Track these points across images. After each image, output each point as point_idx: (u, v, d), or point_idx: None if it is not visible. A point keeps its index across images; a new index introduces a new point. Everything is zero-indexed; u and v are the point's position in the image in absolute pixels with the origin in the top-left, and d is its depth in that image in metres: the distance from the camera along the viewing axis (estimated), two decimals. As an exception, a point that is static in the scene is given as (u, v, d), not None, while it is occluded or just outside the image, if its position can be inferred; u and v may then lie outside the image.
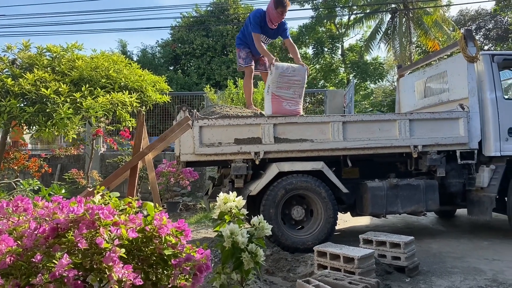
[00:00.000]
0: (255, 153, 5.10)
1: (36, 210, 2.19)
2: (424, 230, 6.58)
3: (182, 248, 2.17)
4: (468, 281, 4.01)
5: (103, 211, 2.05)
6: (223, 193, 2.54)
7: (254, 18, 5.51)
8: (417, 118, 5.57)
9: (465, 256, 4.88)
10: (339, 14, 24.33)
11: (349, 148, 5.32)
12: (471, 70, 5.74)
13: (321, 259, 4.02)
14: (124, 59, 4.22)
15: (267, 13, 5.50)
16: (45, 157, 9.82)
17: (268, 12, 5.49)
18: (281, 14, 5.47)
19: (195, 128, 4.98)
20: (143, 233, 2.13)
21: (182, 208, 9.18)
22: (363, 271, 3.70)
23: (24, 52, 3.93)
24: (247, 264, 2.26)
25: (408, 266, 4.18)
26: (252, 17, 5.56)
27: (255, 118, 5.21)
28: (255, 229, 2.41)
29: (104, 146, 11.26)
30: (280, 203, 5.12)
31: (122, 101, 3.67)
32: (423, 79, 7.11)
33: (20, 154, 7.51)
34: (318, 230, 5.16)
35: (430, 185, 5.55)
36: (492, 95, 5.71)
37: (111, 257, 1.88)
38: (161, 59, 20.27)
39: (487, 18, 24.69)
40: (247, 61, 5.76)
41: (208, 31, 19.65)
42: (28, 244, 1.93)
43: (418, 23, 20.92)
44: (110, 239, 1.95)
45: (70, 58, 3.93)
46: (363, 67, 22.53)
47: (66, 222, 2.02)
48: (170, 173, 8.67)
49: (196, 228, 7.03)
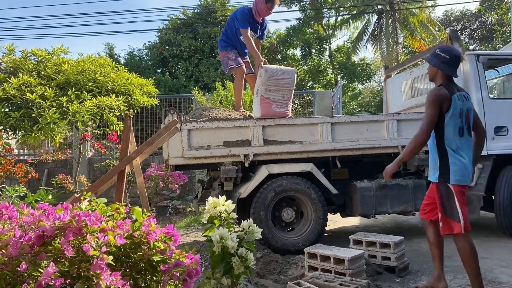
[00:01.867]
0: (245, 155, 5.08)
1: (21, 217, 2.15)
2: (413, 230, 6.62)
3: (171, 254, 2.14)
4: (458, 280, 4.04)
5: (90, 217, 2.01)
6: (212, 197, 2.52)
7: (243, 14, 5.49)
8: (404, 118, 5.61)
9: (454, 255, 4.88)
10: (326, 15, 24.45)
11: (338, 149, 5.33)
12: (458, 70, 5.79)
13: (311, 260, 4.02)
14: (111, 62, 4.19)
15: (255, 6, 5.51)
16: (32, 162, 9.69)
17: (256, 5, 5.50)
18: (269, 9, 5.51)
19: (184, 131, 4.95)
20: (131, 239, 2.09)
21: (172, 211, 9.12)
22: (353, 272, 3.70)
23: (8, 56, 3.88)
24: (237, 268, 2.25)
25: (398, 266, 4.20)
26: (239, 14, 5.53)
27: (244, 121, 5.20)
28: (245, 233, 2.39)
29: (91, 151, 11.15)
30: (270, 205, 5.11)
31: (109, 105, 3.63)
32: (410, 79, 7.16)
33: (6, 160, 7.40)
34: (308, 231, 5.16)
35: (418, 185, 5.59)
36: (478, 95, 5.76)
37: (99, 265, 1.84)
38: (149, 62, 20.17)
39: (471, 18, 25.03)
40: (237, 62, 5.65)
41: (196, 33, 19.60)
42: (13, 253, 1.88)
43: (404, 24, 21.13)
44: (98, 246, 1.92)
45: (56, 62, 3.89)
46: (351, 68, 22.66)
47: (52, 229, 1.98)
48: (159, 177, 8.62)
49: (186, 232, 6.99)
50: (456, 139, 3.27)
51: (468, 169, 3.27)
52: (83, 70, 3.83)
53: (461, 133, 3.28)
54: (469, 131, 3.33)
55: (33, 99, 3.27)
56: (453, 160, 3.27)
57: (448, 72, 3.36)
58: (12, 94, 3.34)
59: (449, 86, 3.33)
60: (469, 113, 3.33)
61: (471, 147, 3.36)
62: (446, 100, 3.25)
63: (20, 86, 3.39)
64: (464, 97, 3.32)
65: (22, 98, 3.35)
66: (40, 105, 3.33)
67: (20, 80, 3.39)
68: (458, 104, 3.25)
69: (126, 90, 4.03)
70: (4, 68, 3.91)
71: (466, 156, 3.27)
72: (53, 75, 3.70)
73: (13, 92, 3.33)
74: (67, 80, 3.70)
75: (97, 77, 3.81)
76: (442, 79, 3.40)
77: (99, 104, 3.54)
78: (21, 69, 3.68)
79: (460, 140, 3.27)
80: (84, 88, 3.70)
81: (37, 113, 3.31)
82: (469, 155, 3.30)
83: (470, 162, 3.29)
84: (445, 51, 3.39)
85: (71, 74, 3.70)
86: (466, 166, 3.25)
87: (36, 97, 3.27)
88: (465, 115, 3.28)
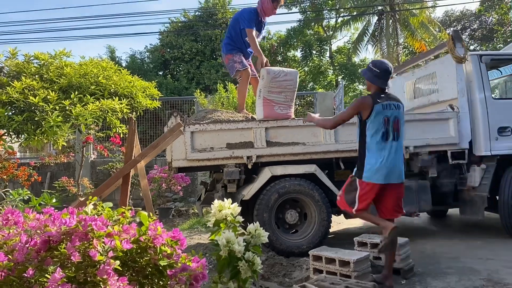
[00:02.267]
0: (248, 157, 5.07)
1: (27, 222, 2.14)
2: (417, 231, 6.60)
3: (178, 258, 2.13)
4: (464, 281, 4.02)
5: (96, 222, 2.00)
6: (217, 200, 2.51)
7: (249, 15, 5.49)
8: (407, 119, 5.56)
9: (459, 256, 4.89)
10: (326, 16, 24.44)
11: (341, 150, 5.31)
12: (460, 70, 5.79)
13: (316, 263, 4.00)
14: (113, 65, 4.17)
15: (261, 6, 5.52)
16: (35, 166, 9.68)
17: (262, 4, 5.51)
18: (275, 8, 5.53)
19: (187, 133, 4.94)
20: (137, 243, 2.08)
21: (175, 214, 9.11)
22: (359, 274, 3.69)
23: (11, 60, 3.87)
24: (244, 273, 2.23)
25: (403, 268, 4.18)
26: (247, 14, 5.52)
27: (246, 122, 5.19)
28: (251, 236, 2.38)
29: (94, 153, 11.15)
30: (274, 207, 5.10)
31: (112, 108, 3.62)
32: (412, 80, 7.16)
33: (9, 163, 7.38)
34: (312, 233, 5.15)
35: (422, 186, 5.57)
36: (481, 95, 5.76)
37: (106, 270, 1.83)
38: (150, 65, 20.18)
39: (472, 18, 25.01)
40: (243, 65, 5.60)
41: (197, 36, 19.60)
42: (20, 258, 1.87)
43: (405, 25, 21.10)
44: (104, 251, 1.91)
45: (58, 65, 3.87)
46: (352, 69, 22.65)
47: (58, 234, 1.97)
48: (161, 179, 8.60)
49: (189, 234, 6.98)
50: (377, 143, 3.69)
51: (380, 170, 3.66)
52: (86, 73, 3.82)
53: (384, 138, 3.68)
54: (394, 136, 3.72)
55: (36, 103, 3.25)
56: (369, 160, 3.73)
57: (379, 84, 3.78)
58: (15, 97, 3.33)
59: (378, 96, 3.73)
60: (398, 121, 3.74)
61: (397, 151, 3.75)
62: (367, 108, 3.69)
63: (23, 90, 3.37)
64: (394, 106, 3.74)
65: (25, 102, 3.34)
66: (43, 109, 3.32)
67: (23, 83, 3.38)
68: (383, 112, 3.66)
69: (129, 93, 4.02)
70: (7, 72, 3.91)
71: (386, 158, 3.67)
72: (55, 78, 3.69)
73: (16, 96, 3.32)
74: (70, 83, 3.69)
75: (99, 80, 3.80)
76: (374, 89, 3.83)
77: (102, 107, 3.52)
78: (24, 72, 3.67)
79: (383, 144, 3.69)
80: (86, 91, 3.69)
81: (40, 117, 3.30)
82: (390, 157, 3.69)
83: (389, 164, 3.67)
84: (376, 65, 3.82)
85: (73, 77, 3.68)
86: (378, 167, 3.66)
87: (39, 101, 3.26)
88: (392, 122, 3.69)
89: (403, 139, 3.86)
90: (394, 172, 3.72)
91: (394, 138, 3.72)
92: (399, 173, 3.77)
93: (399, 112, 3.78)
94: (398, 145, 3.77)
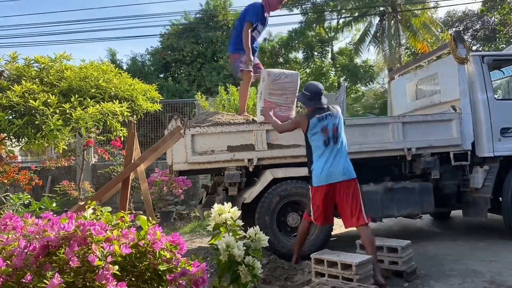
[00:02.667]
0: (249, 160, 5.05)
1: (25, 227, 2.13)
2: (420, 233, 6.56)
3: (177, 263, 2.11)
4: (467, 284, 3.98)
5: (95, 227, 1.99)
6: (217, 204, 2.49)
7: (256, 9, 5.49)
8: (410, 121, 5.58)
9: (462, 258, 4.86)
10: (328, 18, 24.43)
11: (343, 152, 5.28)
12: (462, 71, 5.76)
13: (318, 266, 3.97)
14: (113, 68, 4.17)
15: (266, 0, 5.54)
16: (35, 169, 9.68)
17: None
18: (280, 3, 5.60)
19: (187, 136, 4.92)
20: (136, 248, 2.07)
21: (176, 217, 9.09)
22: (361, 277, 3.65)
23: (11, 63, 3.87)
24: (245, 277, 2.21)
25: (406, 271, 4.15)
26: (252, 8, 5.51)
27: (247, 125, 5.17)
28: (251, 241, 2.35)
29: (95, 157, 11.15)
30: (275, 210, 5.08)
31: (113, 111, 3.61)
32: (414, 81, 7.13)
33: (10, 167, 7.38)
34: (314, 236, 5.11)
35: (425, 188, 5.54)
36: (484, 96, 5.73)
37: (104, 275, 1.82)
38: (151, 67, 20.18)
39: (474, 18, 24.93)
40: (248, 66, 5.56)
41: (198, 38, 19.61)
42: (18, 264, 1.86)
43: (407, 25, 21.06)
44: (103, 256, 1.89)
45: (59, 69, 3.87)
46: (354, 70, 22.60)
47: (57, 239, 1.96)
48: (162, 182, 8.59)
49: (191, 237, 6.95)
50: (320, 150, 4.13)
51: (323, 173, 4.05)
52: (86, 76, 3.81)
53: (325, 145, 4.11)
54: (335, 140, 4.13)
55: (36, 106, 3.25)
56: (314, 167, 4.16)
57: (312, 105, 4.29)
58: (15, 101, 3.32)
59: (313, 112, 4.23)
60: (336, 128, 4.16)
61: (339, 152, 4.14)
62: (304, 124, 4.23)
63: (23, 94, 3.37)
64: (330, 115, 4.19)
65: (25, 106, 3.33)
66: (43, 112, 3.32)
67: (23, 87, 3.38)
68: (319, 124, 4.13)
69: (129, 96, 4.01)
70: (7, 76, 3.90)
71: (327, 161, 4.07)
72: (56, 82, 3.69)
73: (16, 100, 3.32)
74: (70, 86, 3.68)
75: (100, 83, 3.79)
76: (309, 108, 4.34)
77: (103, 110, 3.52)
78: (24, 76, 3.67)
79: (325, 149, 4.11)
80: (87, 94, 3.68)
81: (41, 120, 3.29)
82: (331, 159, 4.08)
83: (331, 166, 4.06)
84: (308, 89, 4.35)
85: (74, 81, 3.68)
86: (321, 171, 4.06)
87: (39, 104, 3.25)
88: (330, 130, 4.13)
89: (344, 142, 4.24)
90: (337, 171, 4.05)
91: (335, 143, 4.13)
92: (342, 171, 4.07)
93: (336, 120, 4.19)
94: (339, 148, 4.15)
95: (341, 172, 4.06)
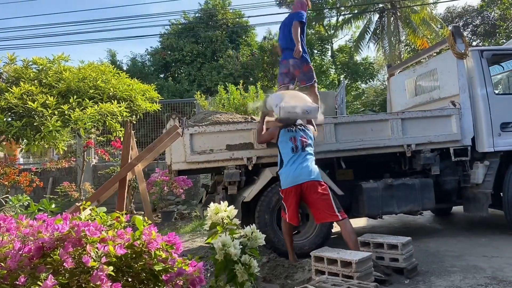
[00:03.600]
0: (248, 158, 5.04)
1: (20, 229, 2.12)
2: (421, 229, 6.55)
3: (173, 263, 2.10)
4: (468, 280, 3.96)
5: (89, 227, 1.98)
6: (214, 203, 2.47)
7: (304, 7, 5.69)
8: (409, 117, 5.55)
9: (463, 254, 4.84)
10: (327, 15, 24.38)
11: (342, 149, 5.28)
12: (461, 66, 5.73)
13: (318, 264, 3.95)
14: (112, 69, 4.16)
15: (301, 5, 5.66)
16: (36, 171, 9.69)
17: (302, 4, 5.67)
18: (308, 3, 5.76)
19: (186, 136, 4.91)
20: (132, 248, 2.06)
21: (177, 217, 9.08)
22: (361, 275, 3.63)
23: (9, 65, 3.86)
24: (241, 276, 2.19)
25: (407, 267, 4.12)
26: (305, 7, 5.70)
27: (246, 124, 5.16)
28: (248, 239, 2.34)
29: (95, 158, 11.16)
30: (275, 208, 5.06)
31: (111, 112, 3.60)
32: (414, 77, 7.10)
33: (10, 169, 7.39)
34: (314, 234, 5.10)
35: (425, 184, 5.52)
36: (483, 91, 5.70)
37: (99, 276, 1.81)
38: (151, 67, 20.19)
39: (474, 14, 24.83)
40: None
41: (198, 38, 19.59)
42: (12, 266, 1.85)
43: (406, 22, 21.03)
44: (97, 256, 1.88)
45: (57, 70, 3.87)
46: (353, 68, 22.56)
47: (51, 240, 1.95)
48: (163, 182, 8.58)
49: (192, 237, 6.94)
50: (288, 156, 4.48)
51: (290, 176, 4.40)
52: (84, 77, 3.80)
53: (293, 151, 4.48)
54: (302, 147, 4.50)
55: (35, 108, 3.24)
56: (282, 171, 4.51)
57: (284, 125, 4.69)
58: (14, 103, 3.32)
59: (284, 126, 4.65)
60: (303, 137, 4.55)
61: (305, 157, 4.47)
62: (274, 135, 4.71)
63: (21, 95, 3.36)
64: (299, 128, 4.62)
65: (24, 107, 3.33)
66: (42, 114, 3.31)
67: (21, 89, 3.37)
68: (287, 134, 4.57)
69: (128, 96, 4.01)
70: (5, 78, 3.90)
71: (294, 165, 4.41)
72: (54, 83, 3.68)
73: (15, 101, 3.31)
74: (69, 87, 3.67)
75: (98, 84, 3.78)
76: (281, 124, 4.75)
77: (101, 111, 3.51)
78: (22, 78, 3.67)
79: (293, 155, 4.46)
80: (85, 95, 3.67)
81: (39, 122, 3.28)
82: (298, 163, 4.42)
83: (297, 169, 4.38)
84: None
85: (72, 82, 3.67)
86: (288, 174, 4.41)
87: (38, 106, 3.24)
88: (298, 138, 4.52)
89: (311, 148, 4.58)
90: (302, 173, 4.37)
91: (302, 149, 4.48)
92: (307, 173, 4.38)
93: (304, 132, 4.62)
94: (306, 154, 4.49)
95: (307, 173, 4.37)
